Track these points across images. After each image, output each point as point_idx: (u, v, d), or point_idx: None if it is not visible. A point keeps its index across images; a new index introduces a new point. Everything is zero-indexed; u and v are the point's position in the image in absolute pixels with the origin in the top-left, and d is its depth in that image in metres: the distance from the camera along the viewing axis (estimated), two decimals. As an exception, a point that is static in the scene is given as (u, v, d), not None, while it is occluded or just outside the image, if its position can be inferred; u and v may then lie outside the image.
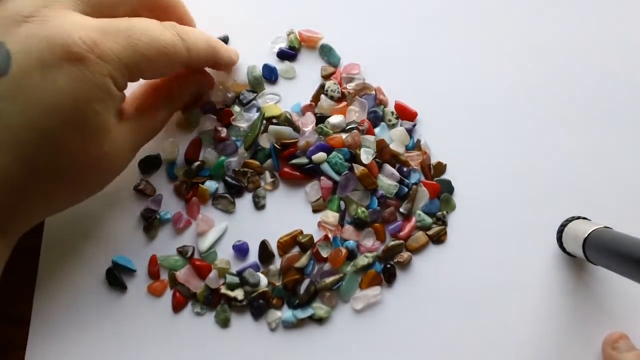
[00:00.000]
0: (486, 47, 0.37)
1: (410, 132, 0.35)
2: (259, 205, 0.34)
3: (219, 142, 0.35)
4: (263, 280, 0.33)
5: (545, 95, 0.36)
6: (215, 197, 0.34)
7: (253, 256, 0.34)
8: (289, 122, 0.34)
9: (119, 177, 0.30)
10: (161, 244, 0.34)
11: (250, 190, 0.35)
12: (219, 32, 0.36)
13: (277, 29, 0.37)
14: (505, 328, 0.33)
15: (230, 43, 0.37)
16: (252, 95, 0.35)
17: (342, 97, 0.35)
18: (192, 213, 0.34)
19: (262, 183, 0.35)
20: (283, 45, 0.36)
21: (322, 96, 0.35)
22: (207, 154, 0.35)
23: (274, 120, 0.35)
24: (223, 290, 0.33)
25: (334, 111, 0.35)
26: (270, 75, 0.36)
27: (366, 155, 0.34)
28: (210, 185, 0.34)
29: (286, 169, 0.34)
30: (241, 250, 0.34)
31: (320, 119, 0.35)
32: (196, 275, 0.33)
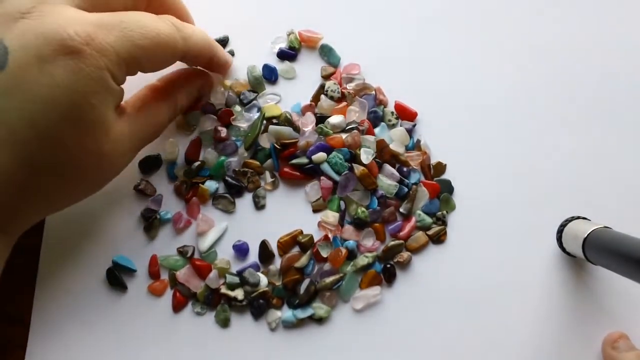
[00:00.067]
0: (486, 47, 0.37)
1: (410, 132, 0.35)
2: (259, 205, 0.34)
3: (219, 142, 0.35)
4: (263, 280, 0.33)
5: (545, 95, 0.36)
6: (215, 197, 0.34)
7: (253, 256, 0.34)
8: (289, 122, 0.34)
9: (119, 177, 0.30)
10: (161, 243, 0.34)
11: (250, 190, 0.35)
12: (219, 32, 0.36)
13: (277, 29, 0.37)
14: (505, 328, 0.33)
15: (230, 43, 0.37)
16: (252, 95, 0.35)
17: (342, 97, 0.35)
18: (192, 213, 0.34)
19: (262, 183, 0.35)
20: (283, 45, 0.37)
21: (322, 96, 0.35)
22: (207, 154, 0.35)
23: (274, 120, 0.35)
24: (223, 290, 0.33)
25: (334, 111, 0.35)
26: (270, 75, 0.36)
27: (366, 155, 0.34)
28: (210, 185, 0.34)
29: (286, 169, 0.34)
30: (241, 250, 0.34)
31: (320, 119, 0.35)
32: (196, 275, 0.33)
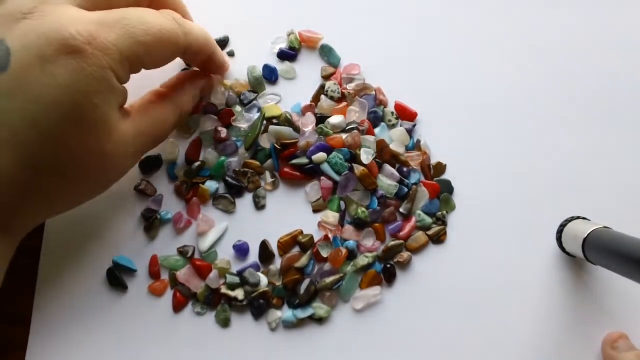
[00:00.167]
0: (486, 47, 0.37)
1: (410, 132, 0.35)
2: (259, 205, 0.34)
3: (219, 142, 0.35)
4: (263, 280, 0.33)
5: (545, 95, 0.36)
6: (215, 197, 0.34)
7: (253, 256, 0.34)
8: (289, 122, 0.34)
9: (119, 177, 0.30)
10: (161, 243, 0.34)
11: (250, 190, 0.35)
12: (219, 32, 0.36)
13: (277, 29, 0.37)
14: (505, 328, 0.33)
15: (230, 43, 0.37)
16: (252, 95, 0.35)
17: (342, 97, 0.35)
18: (193, 213, 0.34)
19: (262, 183, 0.35)
20: (283, 45, 0.37)
21: (322, 96, 0.35)
22: (208, 154, 0.35)
23: (274, 121, 0.35)
24: (223, 290, 0.33)
25: (334, 111, 0.35)
26: (270, 75, 0.36)
27: (366, 155, 0.34)
28: (210, 185, 0.34)
29: (286, 169, 0.34)
30: (241, 250, 0.34)
31: (320, 119, 0.35)
32: (196, 275, 0.33)
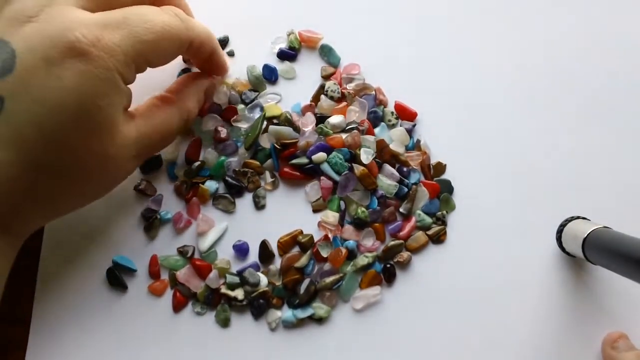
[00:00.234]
0: (486, 47, 0.37)
1: (410, 132, 0.35)
2: (259, 205, 0.34)
3: (219, 142, 0.35)
4: (263, 280, 0.33)
5: (545, 95, 0.36)
6: (215, 197, 0.34)
7: (253, 256, 0.34)
8: (289, 122, 0.34)
9: (119, 177, 0.30)
10: (161, 243, 0.34)
11: (250, 190, 0.35)
12: (219, 32, 0.36)
13: (277, 29, 0.37)
14: (505, 328, 0.33)
15: (230, 43, 0.37)
16: (254, 94, 0.35)
17: (342, 97, 0.35)
18: (193, 213, 0.34)
19: (262, 183, 0.35)
20: (283, 45, 0.37)
21: (322, 96, 0.35)
22: (208, 154, 0.35)
23: (274, 121, 0.35)
24: (223, 290, 0.33)
25: (334, 111, 0.35)
26: (270, 75, 0.36)
27: (366, 155, 0.34)
28: (210, 185, 0.34)
29: (286, 169, 0.34)
30: (241, 250, 0.34)
31: (320, 119, 0.35)
32: (196, 275, 0.33)
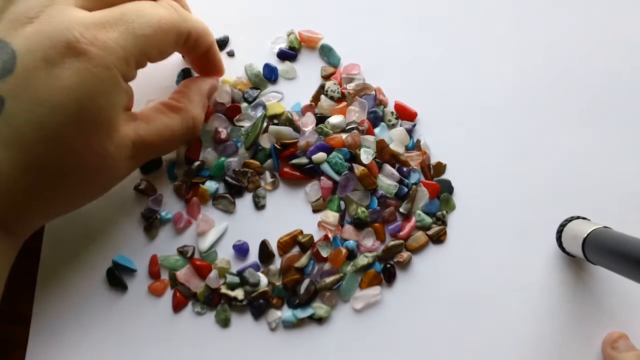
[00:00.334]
0: (486, 47, 0.37)
1: (410, 132, 0.35)
2: (259, 205, 0.34)
3: (219, 143, 0.35)
4: (263, 280, 0.33)
5: (545, 95, 0.36)
6: (215, 197, 0.34)
7: (253, 256, 0.34)
8: (290, 122, 0.34)
9: (119, 177, 0.30)
10: (161, 243, 0.34)
11: (250, 190, 0.35)
12: (219, 32, 0.36)
13: (277, 29, 0.37)
14: (505, 328, 0.33)
15: (230, 43, 0.37)
16: (256, 92, 0.35)
17: (342, 97, 0.35)
18: (193, 213, 0.34)
19: (262, 183, 0.35)
20: (283, 45, 0.37)
21: (322, 96, 0.35)
22: (207, 154, 0.35)
23: (275, 120, 0.35)
24: (223, 290, 0.33)
25: (334, 111, 0.35)
26: (270, 75, 0.36)
27: (366, 155, 0.34)
28: (210, 185, 0.34)
29: (286, 169, 0.34)
30: (241, 250, 0.34)
31: (321, 119, 0.35)
32: (196, 275, 0.33)
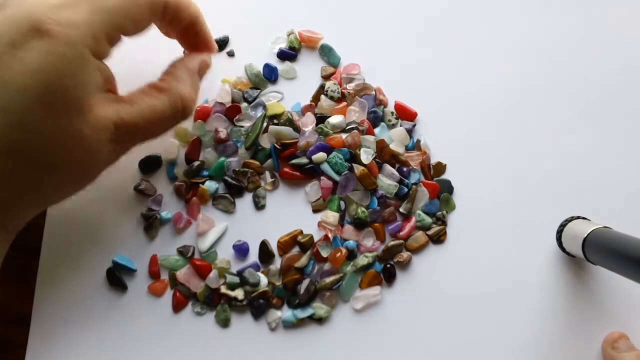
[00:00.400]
0: (486, 48, 0.37)
1: (410, 132, 0.35)
2: (259, 205, 0.34)
3: (219, 143, 0.35)
4: (263, 280, 0.33)
5: (545, 96, 0.36)
6: (215, 197, 0.34)
7: (253, 256, 0.34)
8: (290, 122, 0.34)
9: (119, 177, 0.30)
10: (161, 243, 0.34)
11: (250, 190, 0.35)
12: (219, 32, 0.36)
13: (277, 29, 0.37)
14: (505, 328, 0.33)
15: (230, 43, 0.37)
16: (256, 92, 0.35)
17: (342, 97, 0.35)
18: (193, 213, 0.34)
19: (262, 183, 0.35)
20: (283, 45, 0.37)
21: (322, 96, 0.35)
22: (207, 154, 0.35)
23: (275, 120, 0.35)
24: (223, 290, 0.33)
25: (334, 111, 0.35)
26: (270, 75, 0.36)
27: (366, 155, 0.34)
28: (210, 185, 0.34)
29: (286, 169, 0.34)
30: (241, 250, 0.34)
31: (321, 119, 0.35)
32: (196, 275, 0.33)
